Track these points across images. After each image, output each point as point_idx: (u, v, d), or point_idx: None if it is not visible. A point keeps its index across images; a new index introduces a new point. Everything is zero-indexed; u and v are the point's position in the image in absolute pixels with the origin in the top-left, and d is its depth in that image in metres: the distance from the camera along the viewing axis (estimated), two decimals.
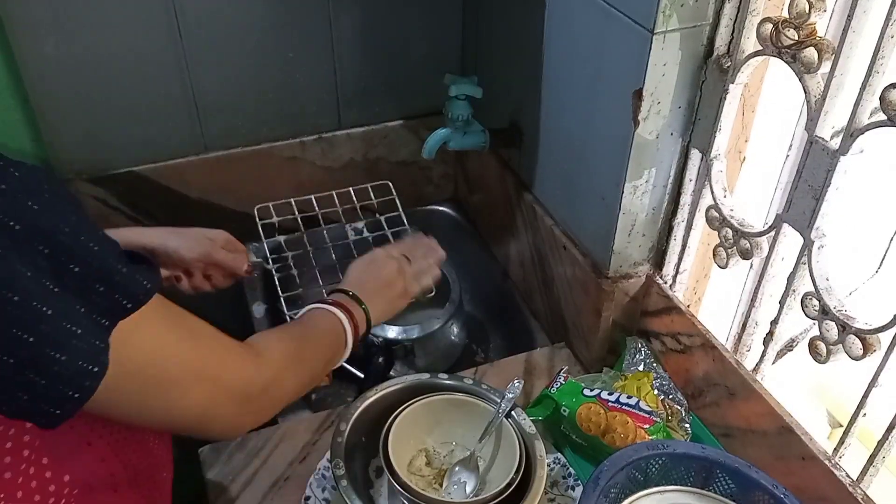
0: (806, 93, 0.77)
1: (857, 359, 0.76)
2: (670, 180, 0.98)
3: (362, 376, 1.21)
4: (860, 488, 0.77)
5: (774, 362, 0.90)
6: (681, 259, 1.02)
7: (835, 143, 0.74)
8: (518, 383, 0.94)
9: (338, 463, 0.84)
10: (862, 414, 0.77)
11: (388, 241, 1.24)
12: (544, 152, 1.17)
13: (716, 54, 0.87)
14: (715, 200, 0.92)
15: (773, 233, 0.85)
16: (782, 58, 0.78)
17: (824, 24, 0.83)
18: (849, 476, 0.78)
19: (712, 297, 1.11)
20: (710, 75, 0.88)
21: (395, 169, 1.47)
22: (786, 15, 0.76)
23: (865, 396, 0.76)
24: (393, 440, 0.88)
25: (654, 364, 1.05)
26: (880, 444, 0.76)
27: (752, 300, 0.90)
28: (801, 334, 0.95)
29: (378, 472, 0.93)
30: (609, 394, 0.97)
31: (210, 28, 1.23)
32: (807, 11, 0.73)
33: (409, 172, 1.49)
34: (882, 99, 0.67)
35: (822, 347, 0.80)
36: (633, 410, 0.94)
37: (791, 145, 0.97)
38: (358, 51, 1.35)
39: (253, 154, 1.37)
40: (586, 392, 0.97)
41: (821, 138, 0.76)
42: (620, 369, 1.06)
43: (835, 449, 0.81)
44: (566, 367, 1.05)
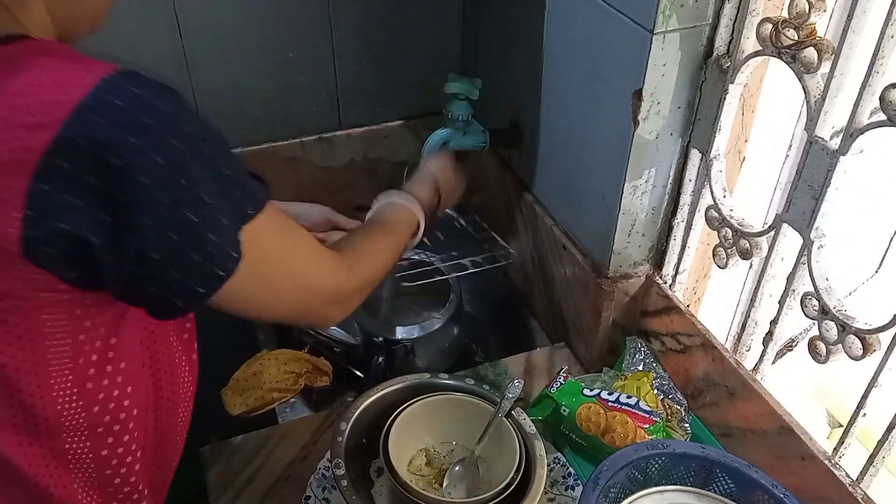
0: (806, 93, 0.77)
1: (856, 359, 0.76)
2: (670, 180, 0.98)
3: (362, 376, 1.21)
4: (860, 488, 0.77)
5: (774, 362, 0.90)
6: (680, 259, 1.02)
7: (834, 143, 0.74)
8: (518, 383, 0.94)
9: (338, 462, 0.84)
10: (862, 414, 0.77)
11: None
12: (544, 152, 1.17)
13: (715, 54, 0.87)
14: (715, 200, 0.92)
15: (772, 233, 0.85)
16: (782, 58, 0.78)
17: (824, 24, 0.83)
18: (849, 476, 0.78)
19: (712, 296, 1.11)
20: (709, 75, 0.88)
21: (395, 169, 1.47)
22: (786, 15, 0.76)
23: (865, 396, 0.76)
24: (393, 440, 0.88)
25: (654, 364, 1.05)
26: (880, 444, 0.76)
27: (751, 300, 0.90)
28: (800, 334, 0.95)
29: (379, 472, 0.93)
30: (609, 394, 0.97)
31: (210, 28, 1.23)
32: (807, 11, 0.73)
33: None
34: (882, 99, 0.67)
35: (822, 347, 0.80)
36: (633, 410, 0.94)
37: (791, 145, 0.97)
38: (358, 51, 1.35)
39: (253, 154, 1.37)
40: (586, 392, 0.98)
41: (820, 138, 0.76)
42: (620, 369, 1.06)
43: (835, 449, 0.81)
44: (566, 367, 1.05)
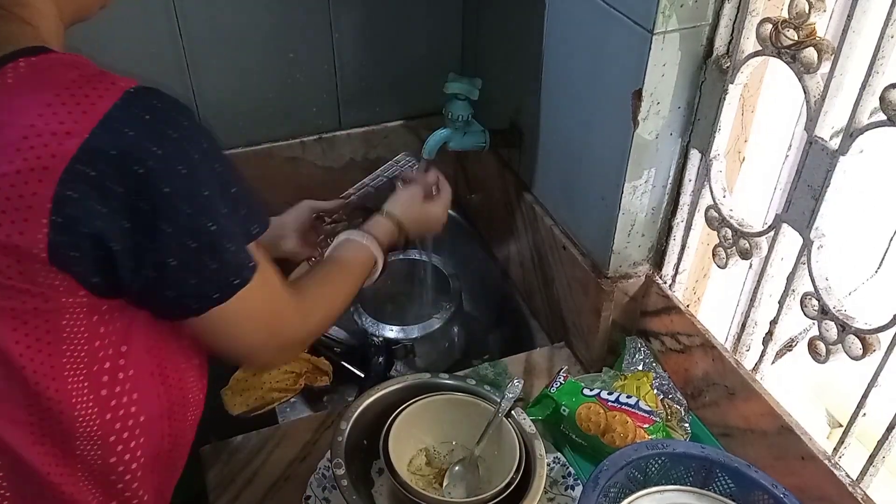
0: (805, 93, 0.77)
1: (856, 359, 0.76)
2: (670, 180, 0.98)
3: (362, 376, 1.21)
4: (860, 488, 0.77)
5: (774, 362, 0.90)
6: (680, 259, 1.02)
7: (834, 144, 0.74)
8: (518, 383, 0.94)
9: (338, 462, 0.84)
10: (862, 414, 0.77)
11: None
12: (544, 152, 1.17)
13: (715, 55, 0.87)
14: (714, 200, 0.92)
15: (772, 233, 0.85)
16: (782, 58, 0.78)
17: (824, 24, 0.83)
18: (848, 476, 0.78)
19: (712, 296, 1.11)
20: (709, 75, 0.88)
21: None
22: (785, 15, 0.76)
23: (865, 396, 0.76)
24: (393, 439, 0.88)
25: (654, 364, 1.05)
26: (880, 444, 0.76)
27: (751, 300, 0.90)
28: (800, 334, 0.95)
29: (381, 472, 0.93)
30: (609, 393, 0.97)
31: (210, 29, 1.24)
32: (806, 11, 0.73)
33: None
34: (882, 99, 0.67)
35: (822, 347, 0.80)
36: (633, 410, 0.94)
37: (790, 145, 0.97)
38: (358, 51, 1.35)
39: (253, 154, 1.37)
40: (586, 392, 0.98)
41: (820, 138, 0.76)
42: (620, 369, 1.06)
43: (834, 449, 0.81)
44: (566, 367, 1.05)
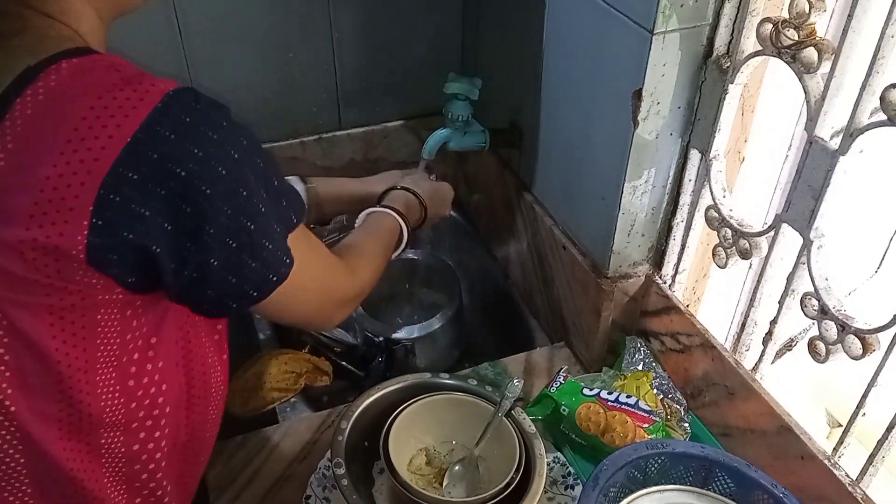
0: (806, 93, 0.77)
1: (856, 358, 0.76)
2: (670, 180, 0.98)
3: (363, 376, 1.20)
4: (860, 488, 0.77)
5: (773, 362, 0.91)
6: (680, 259, 1.02)
7: (834, 144, 0.74)
8: (518, 383, 0.94)
9: (338, 462, 0.84)
10: (861, 414, 0.77)
11: None
12: (544, 152, 1.17)
13: (715, 54, 0.87)
14: (714, 200, 0.92)
15: (772, 233, 0.85)
16: (782, 58, 0.78)
17: (824, 24, 0.83)
18: (848, 476, 0.78)
19: (711, 296, 1.11)
20: (709, 75, 0.88)
21: (395, 169, 1.46)
22: (786, 15, 0.76)
23: (865, 396, 0.76)
24: (393, 439, 0.88)
25: (654, 364, 1.05)
26: (880, 443, 0.76)
27: (751, 300, 0.90)
28: (800, 334, 0.95)
29: (381, 472, 0.93)
30: (608, 393, 0.97)
31: (210, 28, 1.23)
32: (807, 11, 0.73)
33: None
34: (882, 99, 0.67)
35: (822, 347, 0.80)
36: (633, 410, 0.94)
37: (790, 145, 0.97)
38: (358, 51, 1.35)
39: None
40: (586, 391, 0.98)
41: (820, 138, 0.76)
42: (620, 369, 1.06)
43: (834, 448, 0.81)
44: (566, 367, 1.05)
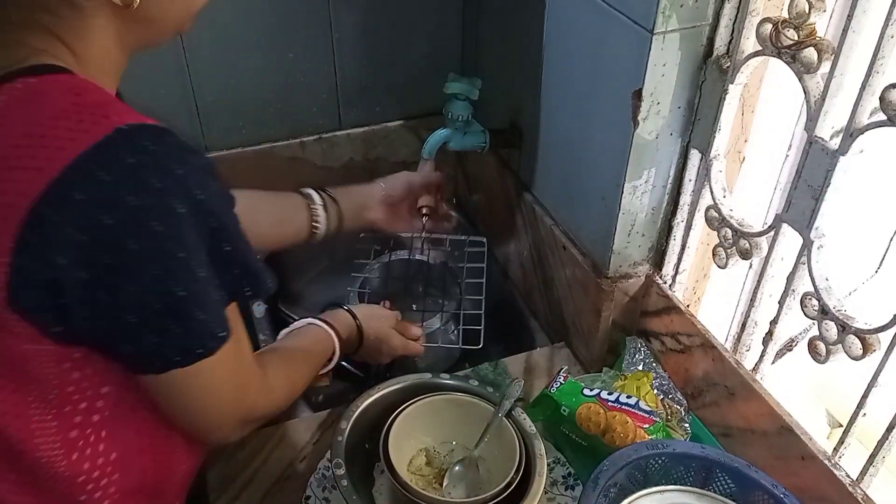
0: (805, 93, 0.77)
1: (856, 359, 0.76)
2: (670, 180, 0.98)
3: (362, 376, 1.20)
4: (860, 488, 0.77)
5: (774, 362, 0.90)
6: (680, 259, 1.02)
7: (834, 143, 0.74)
8: (518, 383, 0.94)
9: (338, 462, 0.84)
10: (862, 414, 0.77)
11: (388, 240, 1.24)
12: (544, 152, 1.17)
13: (715, 54, 0.87)
14: (714, 200, 0.92)
15: (772, 233, 0.85)
16: (782, 58, 0.78)
17: (824, 24, 0.83)
18: (849, 476, 0.78)
19: (712, 297, 1.11)
20: (709, 75, 0.88)
21: (395, 169, 1.45)
22: (785, 15, 0.76)
23: (865, 396, 0.76)
24: (393, 439, 0.88)
25: (654, 364, 1.05)
26: (880, 443, 0.76)
27: (751, 300, 0.90)
28: (800, 334, 0.95)
29: (382, 472, 0.93)
30: (609, 393, 0.97)
31: (210, 28, 1.23)
32: (806, 11, 0.73)
33: None
34: (882, 99, 0.67)
35: (822, 347, 0.80)
36: (633, 410, 0.94)
37: (790, 145, 0.97)
38: (358, 51, 1.35)
39: (253, 154, 1.37)
40: (586, 392, 0.98)
41: (820, 138, 0.76)
42: (620, 369, 1.06)
43: (835, 449, 0.81)
44: (566, 367, 1.05)
